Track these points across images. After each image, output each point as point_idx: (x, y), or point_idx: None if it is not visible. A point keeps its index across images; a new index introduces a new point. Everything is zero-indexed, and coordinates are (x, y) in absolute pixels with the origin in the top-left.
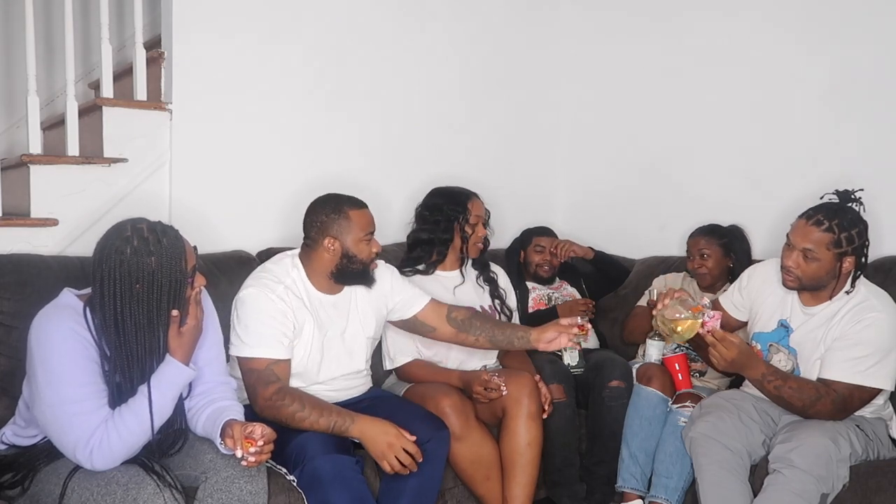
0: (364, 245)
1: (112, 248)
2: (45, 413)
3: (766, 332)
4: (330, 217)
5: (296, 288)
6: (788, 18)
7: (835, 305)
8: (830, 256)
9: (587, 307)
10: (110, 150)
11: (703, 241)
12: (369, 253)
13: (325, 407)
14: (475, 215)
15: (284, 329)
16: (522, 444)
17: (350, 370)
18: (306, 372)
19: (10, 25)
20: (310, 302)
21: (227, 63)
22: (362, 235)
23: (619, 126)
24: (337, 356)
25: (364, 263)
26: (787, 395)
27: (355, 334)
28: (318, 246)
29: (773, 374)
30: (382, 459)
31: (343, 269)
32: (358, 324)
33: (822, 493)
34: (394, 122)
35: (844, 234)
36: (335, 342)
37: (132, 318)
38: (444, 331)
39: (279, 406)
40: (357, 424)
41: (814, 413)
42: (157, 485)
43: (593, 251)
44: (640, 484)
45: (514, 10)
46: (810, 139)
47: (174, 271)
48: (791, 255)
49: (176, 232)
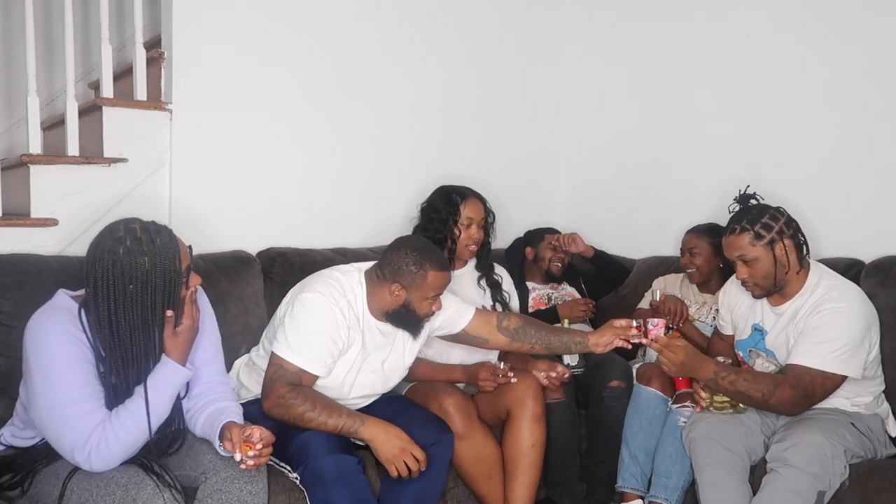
0: (427, 304)
1: (105, 248)
2: (41, 416)
3: (743, 339)
4: (409, 269)
5: (356, 305)
6: (789, 18)
7: (798, 301)
8: (762, 251)
9: (587, 307)
10: (110, 150)
11: (694, 239)
12: (429, 311)
13: (335, 408)
14: (466, 216)
15: (333, 349)
16: (526, 445)
17: (379, 392)
18: (339, 388)
19: (10, 25)
20: (363, 323)
21: (227, 63)
22: (431, 296)
23: (619, 126)
24: (372, 382)
25: (420, 319)
26: (745, 389)
27: (395, 366)
28: (385, 285)
29: (725, 370)
30: (390, 464)
31: (397, 316)
32: (401, 353)
33: (819, 491)
34: (394, 123)
35: (758, 227)
36: (374, 367)
37: (126, 319)
38: (496, 341)
39: (290, 405)
40: (367, 427)
41: (775, 402)
42: (156, 485)
43: (594, 250)
44: (640, 484)
45: (515, 10)
46: (811, 139)
47: (168, 271)
48: (737, 270)
49: (169, 231)
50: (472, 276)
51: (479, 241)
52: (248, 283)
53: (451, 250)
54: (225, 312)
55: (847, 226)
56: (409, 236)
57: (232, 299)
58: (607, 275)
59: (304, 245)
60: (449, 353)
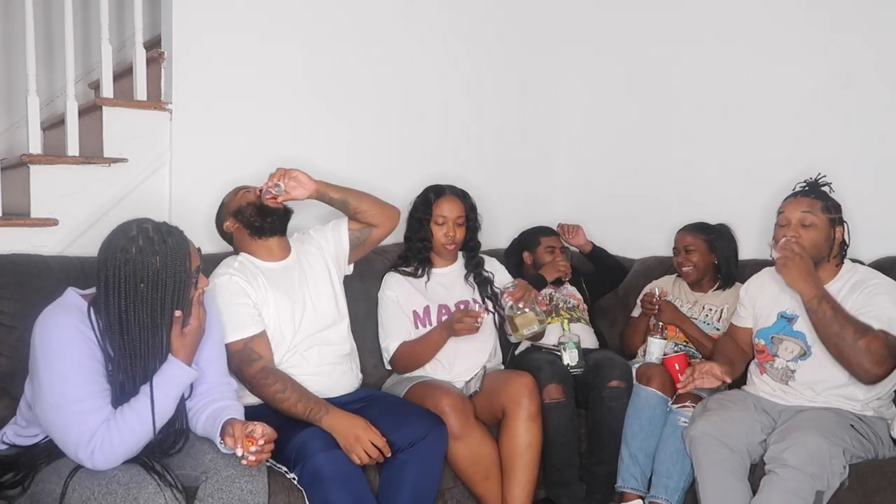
0: (244, 193)
1: (117, 247)
2: (47, 412)
3: (767, 327)
4: (222, 203)
5: (245, 267)
6: (790, 18)
7: (836, 285)
8: (825, 221)
9: (566, 264)
10: (110, 150)
11: (689, 236)
12: (253, 198)
13: (306, 393)
14: (439, 214)
15: (247, 308)
16: (522, 444)
17: (323, 326)
18: (283, 338)
19: (10, 25)
20: (263, 273)
21: (227, 63)
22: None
23: (618, 126)
24: (311, 320)
25: (253, 222)
26: (843, 319)
27: (318, 290)
28: (228, 234)
29: (830, 297)
30: (351, 452)
31: (252, 224)
32: (316, 279)
33: (818, 491)
34: (394, 123)
35: (830, 202)
36: (304, 303)
37: (136, 318)
38: (373, 218)
39: (263, 384)
40: (329, 416)
41: (863, 346)
42: (157, 484)
43: (592, 245)
44: (640, 484)
45: (515, 10)
46: (811, 139)
47: (178, 271)
48: (789, 229)
49: (181, 232)
50: (461, 273)
51: (456, 239)
52: None
53: (427, 248)
54: None
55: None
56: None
57: None
58: (606, 272)
59: None
60: (456, 349)
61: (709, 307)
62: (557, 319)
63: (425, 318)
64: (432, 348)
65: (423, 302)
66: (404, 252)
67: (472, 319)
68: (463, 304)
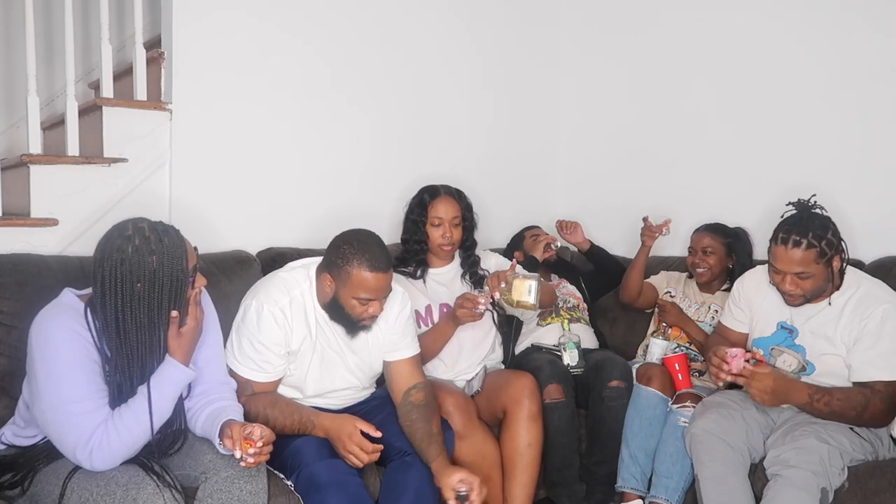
0: (356, 305)
1: (113, 246)
2: (45, 413)
3: (765, 337)
4: (338, 262)
5: (302, 301)
6: (789, 17)
7: (841, 299)
8: (821, 268)
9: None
10: (110, 150)
11: (709, 237)
12: (361, 314)
13: (292, 409)
14: (435, 216)
15: (273, 357)
16: (523, 444)
17: (347, 386)
18: (303, 386)
19: (10, 25)
20: (314, 317)
21: (227, 63)
22: (360, 297)
23: (618, 126)
24: (340, 375)
25: (352, 319)
26: (839, 408)
27: (356, 360)
28: (323, 275)
29: (818, 392)
30: (347, 454)
31: (331, 308)
32: (357, 345)
33: (822, 488)
34: (394, 123)
35: (824, 243)
36: (334, 360)
37: (133, 318)
38: (395, 395)
39: (248, 411)
40: (319, 423)
41: (868, 417)
42: (156, 485)
43: (590, 243)
44: (640, 484)
45: (514, 10)
46: (811, 139)
47: (175, 271)
48: (785, 281)
49: (177, 232)
50: (458, 272)
51: (453, 240)
52: (249, 283)
53: (424, 250)
54: (225, 312)
55: (847, 226)
56: (359, 229)
57: (232, 299)
58: (605, 271)
59: (304, 245)
60: (460, 347)
61: (715, 308)
62: (557, 319)
63: (427, 316)
64: (442, 339)
65: (424, 301)
66: (402, 254)
67: (471, 304)
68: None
